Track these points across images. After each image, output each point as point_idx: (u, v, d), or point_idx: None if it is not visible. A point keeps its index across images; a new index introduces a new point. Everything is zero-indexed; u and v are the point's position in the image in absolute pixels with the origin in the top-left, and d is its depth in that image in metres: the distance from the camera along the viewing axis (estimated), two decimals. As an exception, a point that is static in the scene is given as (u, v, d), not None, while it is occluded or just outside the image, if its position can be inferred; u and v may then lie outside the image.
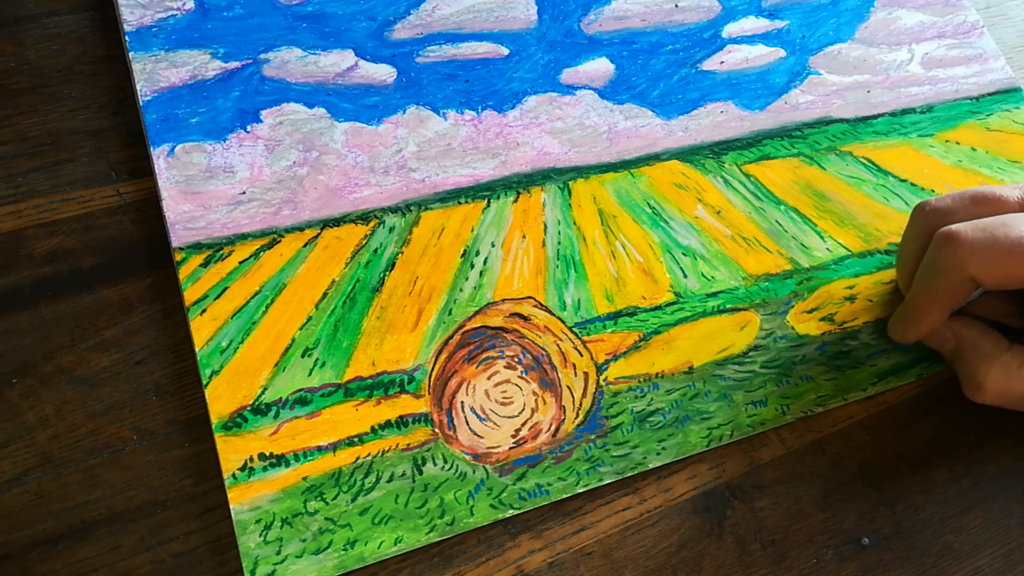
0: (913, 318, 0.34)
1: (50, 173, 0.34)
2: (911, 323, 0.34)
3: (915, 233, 0.34)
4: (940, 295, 0.32)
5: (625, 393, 0.34)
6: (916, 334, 0.34)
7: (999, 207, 0.32)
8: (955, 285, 0.31)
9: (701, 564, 0.31)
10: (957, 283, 0.31)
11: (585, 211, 0.37)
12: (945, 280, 0.31)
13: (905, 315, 0.34)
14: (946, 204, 0.33)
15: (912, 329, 0.34)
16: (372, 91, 0.37)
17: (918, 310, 0.33)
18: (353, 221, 0.35)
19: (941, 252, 0.31)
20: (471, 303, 0.34)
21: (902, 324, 0.35)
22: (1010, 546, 0.34)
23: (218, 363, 0.31)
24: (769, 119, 0.41)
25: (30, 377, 0.31)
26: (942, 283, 0.32)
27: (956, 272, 0.31)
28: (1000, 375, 0.32)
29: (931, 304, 0.33)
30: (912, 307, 0.34)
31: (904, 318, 0.35)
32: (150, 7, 0.36)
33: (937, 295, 0.32)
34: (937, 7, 0.45)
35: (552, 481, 0.32)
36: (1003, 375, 0.32)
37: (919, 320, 0.34)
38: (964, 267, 0.30)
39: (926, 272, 0.32)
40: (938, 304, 0.33)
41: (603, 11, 0.41)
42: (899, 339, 0.35)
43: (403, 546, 0.30)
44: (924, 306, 0.33)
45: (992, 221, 0.31)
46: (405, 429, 0.31)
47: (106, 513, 0.29)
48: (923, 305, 0.33)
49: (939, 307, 0.33)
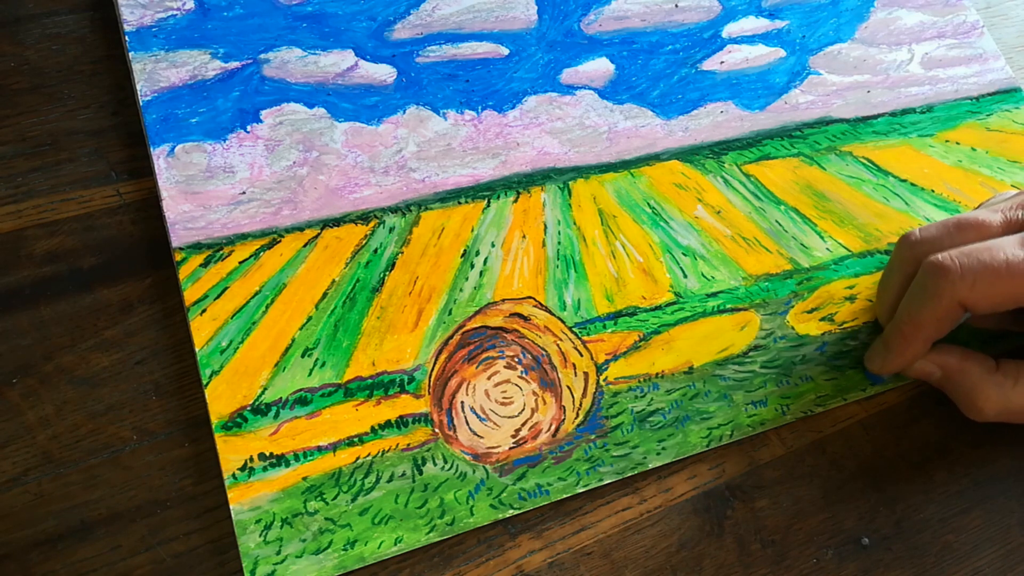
0: (896, 348, 0.34)
1: (50, 173, 0.34)
2: (893, 353, 0.34)
3: (900, 263, 0.34)
4: (928, 323, 0.32)
5: (625, 393, 0.34)
6: (898, 364, 0.34)
7: (983, 232, 0.32)
8: (944, 312, 0.31)
9: (701, 564, 0.31)
10: (946, 310, 0.31)
11: (585, 211, 0.37)
12: (935, 307, 0.31)
13: (886, 346, 0.34)
14: (931, 233, 0.33)
15: (894, 359, 0.34)
16: (372, 91, 0.37)
17: (903, 338, 0.33)
18: (353, 221, 0.35)
19: (930, 280, 0.31)
20: (471, 303, 0.34)
21: (882, 355, 0.34)
22: (1010, 546, 0.34)
23: (218, 363, 0.31)
24: (769, 119, 0.41)
25: (30, 377, 0.31)
26: (931, 310, 0.32)
27: (946, 299, 0.31)
28: (996, 395, 0.32)
29: (917, 333, 0.33)
30: (896, 336, 0.33)
31: (885, 349, 0.34)
32: (150, 7, 0.36)
33: (925, 323, 0.32)
34: (937, 7, 0.45)
35: (552, 481, 0.32)
36: (999, 394, 0.32)
37: (902, 349, 0.33)
38: (954, 292, 0.31)
39: (913, 300, 0.32)
40: (924, 333, 0.32)
41: (603, 11, 0.41)
42: (878, 370, 0.35)
43: (403, 546, 0.30)
44: (909, 335, 0.33)
45: (978, 247, 0.31)
46: (405, 429, 0.31)
47: (106, 513, 0.29)
48: (908, 334, 0.33)
49: (925, 336, 0.33)
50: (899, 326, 0.33)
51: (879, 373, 0.35)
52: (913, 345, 0.33)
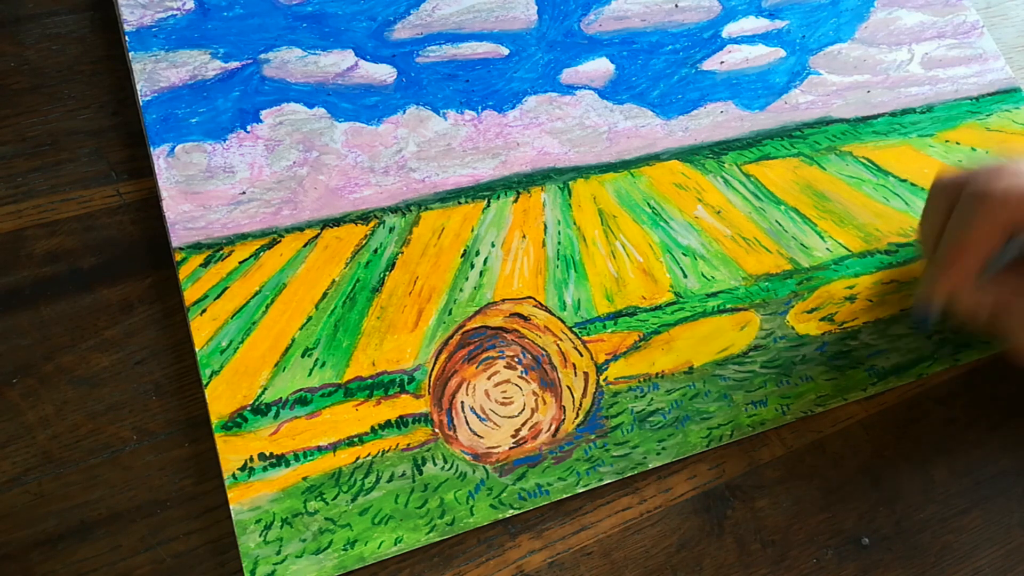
0: (942, 273, 0.33)
1: (50, 173, 0.34)
2: (938, 285, 0.34)
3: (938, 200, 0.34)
4: (973, 246, 0.32)
5: (625, 393, 0.34)
6: (943, 295, 0.34)
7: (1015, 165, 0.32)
8: (989, 232, 0.31)
9: (701, 564, 0.31)
10: (993, 234, 0.31)
11: (585, 211, 0.37)
12: (982, 232, 0.31)
13: (932, 274, 0.34)
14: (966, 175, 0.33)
15: (939, 290, 0.34)
16: (372, 91, 0.37)
17: (948, 264, 0.33)
18: (353, 221, 0.35)
19: (975, 203, 0.31)
20: (471, 303, 0.34)
21: (928, 284, 0.34)
22: (1010, 546, 0.34)
23: (218, 363, 0.31)
24: (769, 119, 0.41)
25: (30, 377, 0.31)
26: (976, 232, 0.32)
27: (992, 222, 0.31)
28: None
29: (962, 257, 0.32)
30: (942, 263, 0.33)
31: (931, 278, 0.34)
32: (150, 7, 0.36)
33: (970, 246, 0.32)
34: (937, 7, 0.45)
35: (552, 481, 0.32)
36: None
37: (947, 279, 0.33)
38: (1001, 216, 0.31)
39: (958, 224, 0.32)
40: (968, 257, 0.32)
41: (603, 11, 0.41)
42: (924, 305, 0.35)
43: (403, 546, 0.30)
44: (953, 259, 0.33)
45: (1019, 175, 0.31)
46: (405, 429, 0.31)
47: (106, 513, 0.29)
48: (952, 259, 0.33)
49: (968, 261, 0.32)
50: (943, 254, 0.33)
51: (926, 303, 0.34)
52: (958, 270, 0.33)
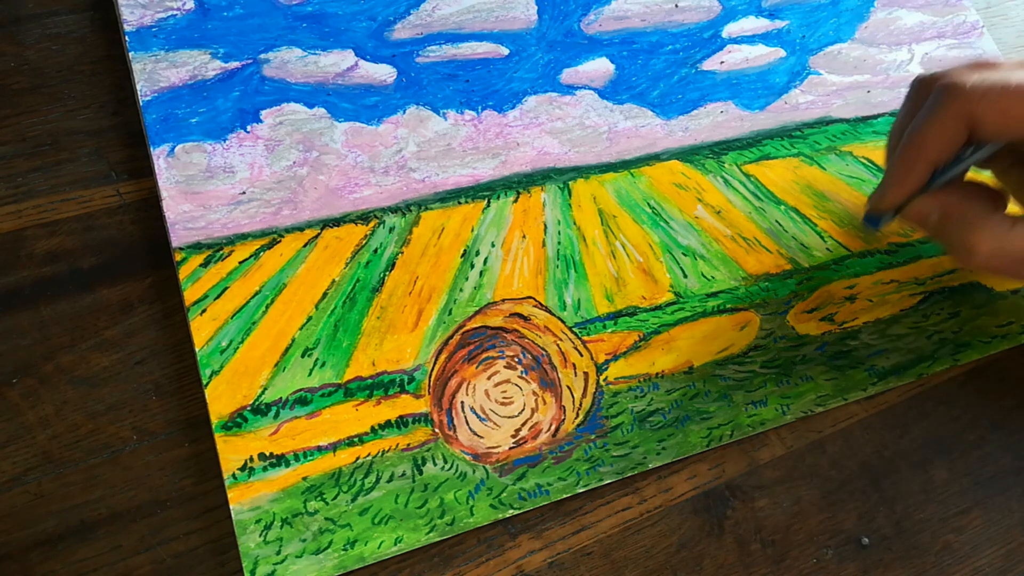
0: (897, 171, 0.32)
1: (50, 173, 0.34)
2: (893, 181, 0.33)
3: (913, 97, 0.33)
4: (931, 139, 0.31)
5: (625, 393, 0.34)
6: (898, 193, 0.33)
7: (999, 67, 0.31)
8: (949, 127, 0.30)
9: (701, 564, 0.31)
10: (952, 124, 0.30)
11: (585, 211, 0.37)
12: (940, 121, 0.30)
13: (888, 176, 0.33)
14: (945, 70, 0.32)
15: (895, 188, 0.33)
16: (372, 91, 0.37)
17: (903, 162, 0.32)
18: (353, 221, 0.35)
19: (941, 96, 0.30)
20: (471, 303, 0.34)
21: (884, 187, 0.33)
22: (1010, 546, 0.34)
23: (218, 363, 0.31)
24: (769, 119, 0.41)
25: (30, 377, 0.31)
26: (936, 125, 0.30)
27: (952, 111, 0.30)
28: (991, 236, 0.30)
29: (919, 153, 0.31)
30: (897, 161, 0.32)
31: (887, 179, 0.33)
32: (150, 7, 0.36)
33: (928, 140, 0.31)
34: (937, 7, 0.45)
35: (552, 481, 0.32)
36: (994, 236, 0.30)
37: (904, 173, 0.32)
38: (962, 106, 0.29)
39: (919, 118, 0.31)
40: (926, 152, 0.31)
41: (603, 11, 0.41)
42: (877, 204, 0.34)
43: (403, 546, 0.30)
44: (910, 157, 0.31)
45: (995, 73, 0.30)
46: (405, 429, 0.31)
47: (106, 513, 0.29)
48: (909, 157, 0.31)
49: (925, 156, 0.31)
50: (901, 148, 0.32)
51: (878, 207, 0.34)
52: (913, 168, 0.32)
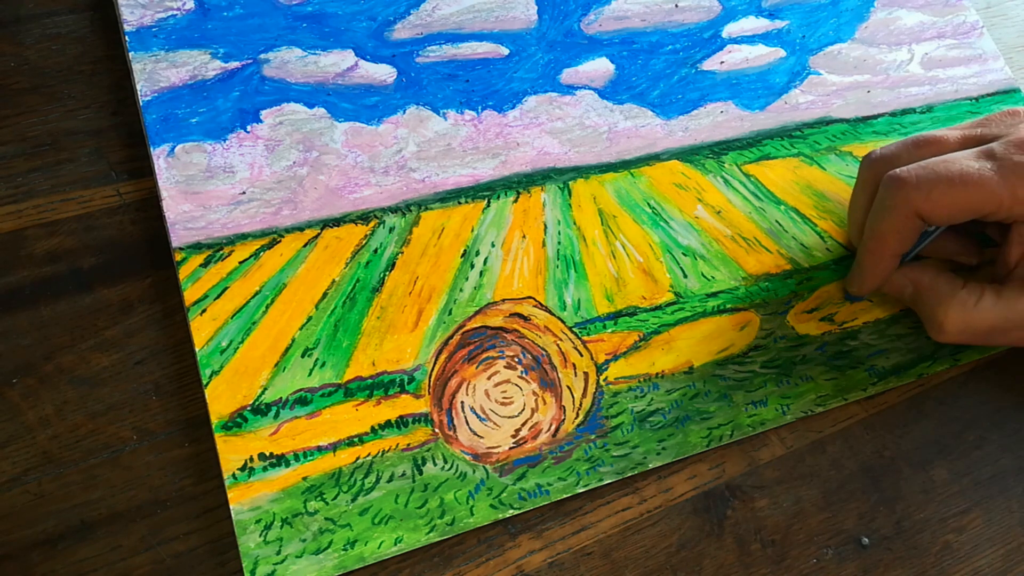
0: (866, 264, 0.35)
1: (50, 173, 0.34)
2: (864, 270, 0.35)
3: (863, 182, 0.35)
4: (889, 236, 0.33)
5: (625, 393, 0.34)
6: (872, 282, 0.35)
7: (940, 148, 0.34)
8: (903, 223, 0.33)
9: (701, 564, 0.31)
10: (904, 221, 0.32)
11: (585, 211, 0.37)
12: (893, 219, 0.33)
13: (858, 265, 0.35)
14: (891, 151, 0.35)
15: (867, 277, 0.35)
16: (372, 91, 0.37)
17: (870, 254, 0.34)
18: (353, 221, 0.35)
19: (888, 192, 0.33)
20: (471, 303, 0.34)
21: (858, 276, 0.36)
22: (1010, 546, 0.34)
23: (218, 363, 0.31)
24: (769, 119, 0.41)
25: (30, 377, 0.31)
26: (890, 223, 0.33)
27: (903, 209, 0.32)
28: (958, 312, 0.33)
29: (881, 247, 0.34)
30: (864, 253, 0.35)
31: (858, 268, 0.35)
32: (150, 7, 0.36)
33: (886, 236, 0.33)
34: (937, 7, 0.45)
35: (552, 481, 0.32)
36: (961, 312, 0.33)
37: (872, 265, 0.35)
38: (910, 203, 0.32)
39: (875, 215, 0.34)
40: (888, 246, 0.34)
41: (603, 11, 0.41)
42: (856, 291, 0.36)
43: (403, 546, 0.30)
44: (875, 250, 0.34)
45: (934, 160, 0.32)
46: (405, 429, 0.31)
47: (106, 513, 0.29)
48: (873, 248, 0.34)
49: (889, 250, 0.34)
50: (866, 242, 0.34)
51: (858, 293, 0.36)
52: (880, 260, 0.34)
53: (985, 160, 0.32)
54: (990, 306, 0.33)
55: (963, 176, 0.31)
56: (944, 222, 0.33)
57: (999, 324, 0.33)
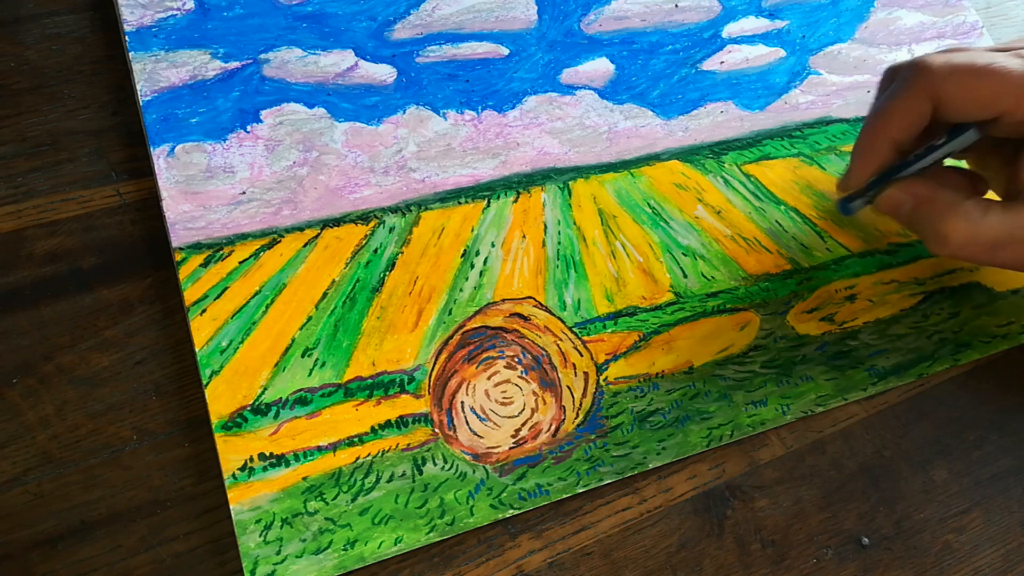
0: (861, 147, 0.33)
1: (50, 173, 0.34)
2: (857, 155, 0.33)
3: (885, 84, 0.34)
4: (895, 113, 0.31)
5: (625, 393, 0.34)
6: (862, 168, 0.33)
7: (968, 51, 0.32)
8: (912, 103, 0.31)
9: (701, 564, 0.31)
10: (915, 101, 0.31)
11: (585, 211, 0.37)
12: (905, 96, 0.31)
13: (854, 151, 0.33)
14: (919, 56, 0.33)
15: (858, 162, 0.33)
16: (372, 91, 0.37)
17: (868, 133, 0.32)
18: (353, 221, 0.35)
19: (909, 72, 0.31)
20: (471, 303, 0.34)
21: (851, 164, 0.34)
22: (1010, 546, 0.34)
23: (218, 363, 0.31)
24: (769, 119, 0.41)
25: (30, 377, 0.31)
26: (900, 100, 0.31)
27: (918, 88, 0.30)
28: (963, 223, 0.31)
29: (884, 126, 0.32)
30: (863, 133, 0.33)
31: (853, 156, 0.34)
32: (150, 7, 0.36)
33: (892, 113, 0.31)
34: (937, 7, 0.45)
35: (552, 481, 0.32)
36: (966, 223, 0.31)
37: (866, 147, 0.33)
38: (931, 84, 0.30)
39: (886, 97, 0.32)
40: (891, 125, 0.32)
41: (603, 11, 0.41)
42: (844, 186, 0.35)
43: (403, 546, 0.30)
44: (875, 129, 0.32)
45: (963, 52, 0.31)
46: (405, 429, 0.31)
47: (106, 513, 0.29)
48: (874, 128, 0.32)
49: (890, 131, 0.32)
50: (867, 120, 0.32)
51: (845, 187, 0.35)
52: (877, 144, 0.32)
53: (1016, 58, 0.30)
54: (997, 218, 0.30)
55: (989, 66, 0.30)
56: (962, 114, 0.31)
57: (1003, 238, 0.30)
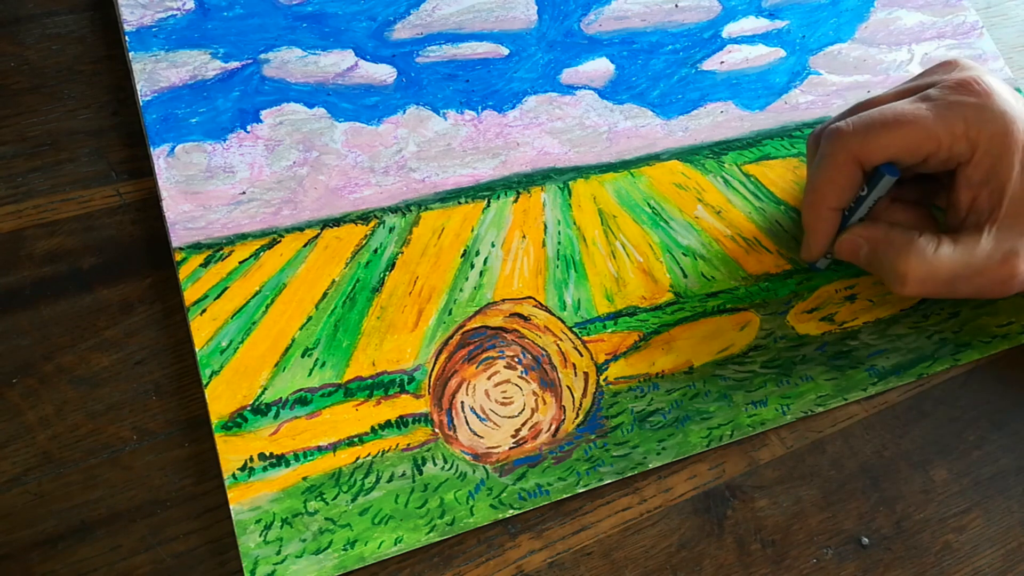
0: (808, 223, 0.35)
1: (50, 173, 0.34)
2: (808, 230, 0.35)
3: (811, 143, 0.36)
4: (826, 186, 0.34)
5: (625, 393, 0.34)
6: (816, 241, 0.35)
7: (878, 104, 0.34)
8: (839, 171, 0.33)
9: (701, 564, 0.31)
10: (841, 168, 0.33)
11: (585, 211, 0.37)
12: (829, 167, 0.33)
13: (804, 227, 0.36)
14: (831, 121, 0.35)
15: (810, 236, 0.35)
16: (372, 91, 0.37)
17: (810, 209, 0.35)
18: (353, 221, 0.35)
19: (826, 143, 0.33)
20: (471, 303, 0.34)
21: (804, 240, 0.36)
22: (1010, 546, 0.34)
23: (218, 363, 0.31)
24: (769, 119, 0.41)
25: (30, 377, 0.31)
26: (827, 172, 0.33)
27: (839, 156, 0.33)
28: (919, 260, 0.32)
29: (821, 200, 0.34)
30: (805, 210, 0.35)
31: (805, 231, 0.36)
32: (150, 7, 0.36)
33: (824, 187, 0.34)
34: (937, 7, 0.45)
35: (552, 481, 0.32)
36: (921, 260, 0.32)
37: (813, 222, 0.35)
38: (847, 148, 0.32)
39: (815, 171, 0.34)
40: (826, 198, 0.34)
41: (603, 11, 0.41)
42: (805, 255, 0.37)
43: (403, 546, 0.30)
44: (814, 203, 0.34)
45: (871, 110, 0.33)
46: (405, 429, 0.31)
47: (106, 513, 0.29)
48: (813, 202, 0.34)
49: (828, 202, 0.34)
50: (805, 197, 0.35)
51: (807, 258, 0.37)
52: (820, 214, 0.35)
53: (920, 103, 0.32)
54: (949, 252, 0.32)
55: (898, 117, 0.32)
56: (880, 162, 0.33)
57: (960, 270, 0.32)
